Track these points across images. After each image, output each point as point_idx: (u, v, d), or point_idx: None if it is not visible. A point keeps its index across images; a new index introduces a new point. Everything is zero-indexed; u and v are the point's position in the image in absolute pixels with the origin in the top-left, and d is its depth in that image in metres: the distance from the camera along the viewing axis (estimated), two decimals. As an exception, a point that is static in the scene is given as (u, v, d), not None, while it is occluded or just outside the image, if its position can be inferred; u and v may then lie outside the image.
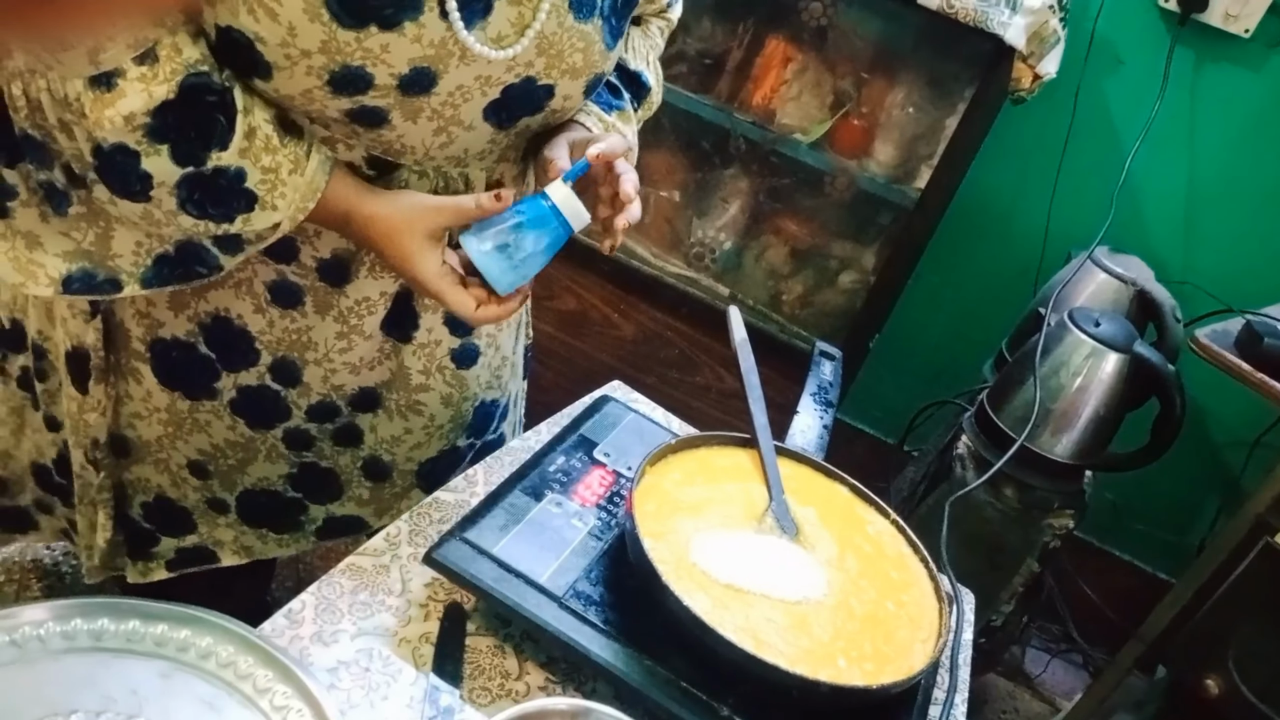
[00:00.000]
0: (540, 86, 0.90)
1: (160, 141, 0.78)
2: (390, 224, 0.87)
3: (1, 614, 0.73)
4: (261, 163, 0.82)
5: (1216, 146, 1.98)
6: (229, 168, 0.81)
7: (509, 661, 0.83)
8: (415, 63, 0.81)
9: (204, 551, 1.15)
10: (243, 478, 1.10)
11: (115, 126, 0.77)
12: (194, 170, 0.80)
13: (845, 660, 0.78)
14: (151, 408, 1.04)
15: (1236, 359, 1.52)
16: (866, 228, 2.08)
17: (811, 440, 1.05)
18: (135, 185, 0.80)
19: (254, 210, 0.84)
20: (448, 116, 0.87)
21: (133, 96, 0.76)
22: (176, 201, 0.81)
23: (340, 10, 0.77)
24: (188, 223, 0.83)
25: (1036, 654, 2.29)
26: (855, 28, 1.92)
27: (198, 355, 1.00)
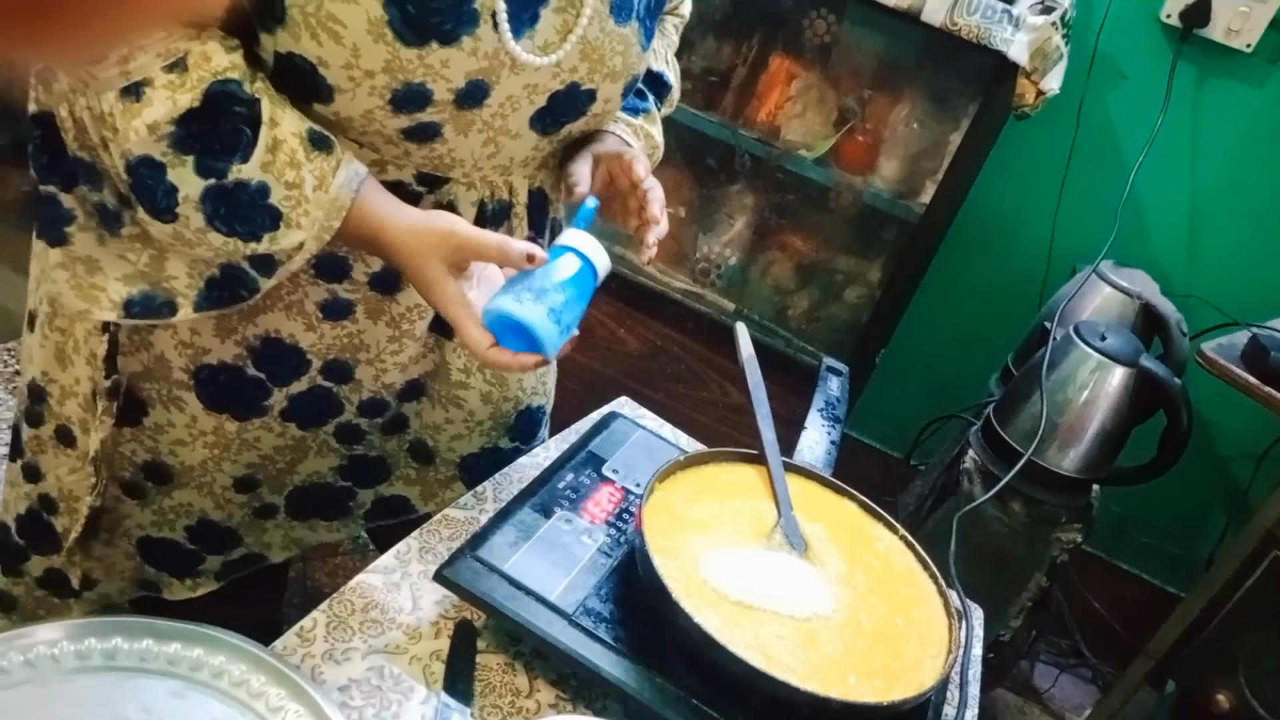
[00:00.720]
0: (584, 91, 0.91)
1: (185, 152, 0.78)
2: (414, 249, 0.86)
3: (16, 634, 0.73)
4: (285, 178, 0.81)
5: (1220, 160, 1.98)
6: (250, 181, 0.80)
7: (519, 679, 0.84)
8: (471, 75, 0.82)
9: (252, 557, 1.14)
10: (292, 477, 1.10)
11: (140, 137, 0.77)
12: (216, 183, 0.79)
13: (855, 677, 0.79)
14: (196, 433, 1.02)
15: (1243, 372, 1.52)
16: (871, 243, 2.09)
17: (819, 456, 1.05)
18: (162, 201, 0.79)
19: (279, 228, 0.82)
20: (497, 127, 0.89)
21: (158, 105, 0.76)
22: (203, 217, 0.80)
23: (404, 28, 0.78)
24: (217, 240, 0.82)
25: (1045, 669, 2.28)
26: (859, 45, 1.93)
27: (247, 377, 0.99)
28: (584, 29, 0.86)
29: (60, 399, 1.01)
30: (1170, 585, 2.32)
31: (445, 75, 0.81)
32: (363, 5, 0.76)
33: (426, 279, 0.86)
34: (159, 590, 1.12)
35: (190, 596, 1.13)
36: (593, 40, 0.88)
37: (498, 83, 0.84)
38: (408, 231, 0.86)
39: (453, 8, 0.78)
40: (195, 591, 1.13)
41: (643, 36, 0.93)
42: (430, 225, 0.85)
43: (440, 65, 0.80)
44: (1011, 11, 1.62)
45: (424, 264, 0.85)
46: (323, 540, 1.18)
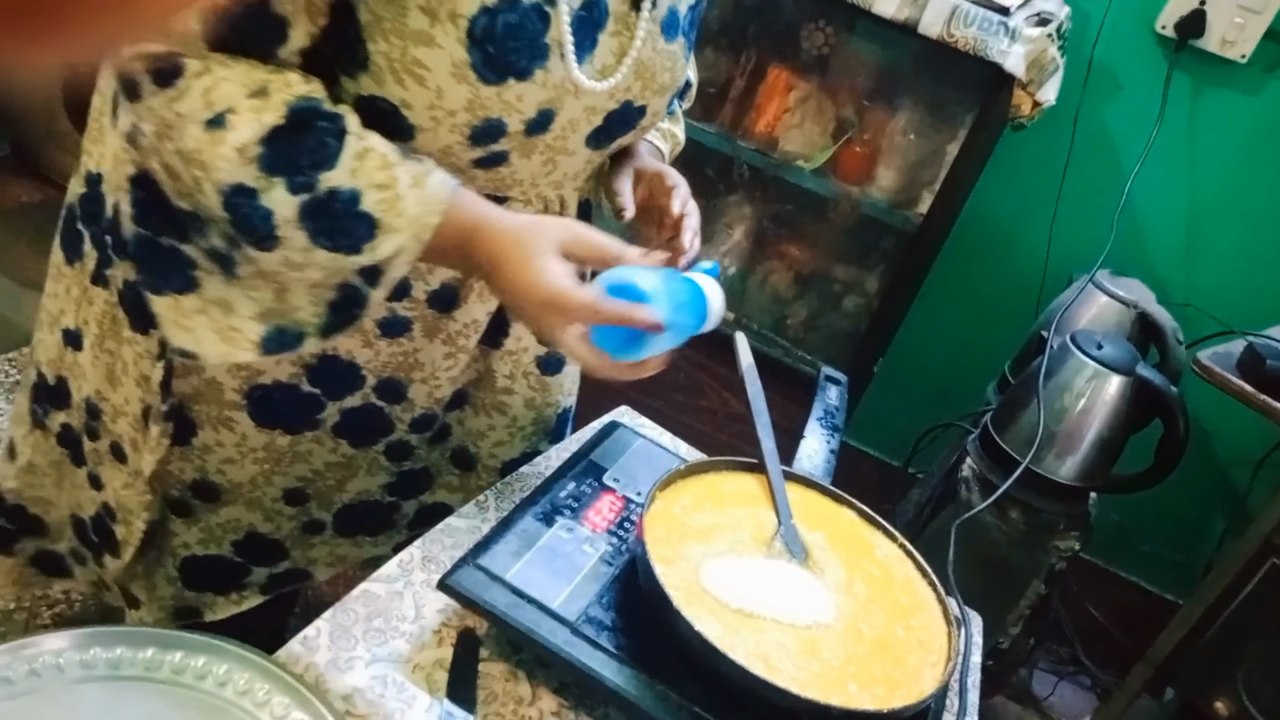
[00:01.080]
0: (636, 108, 0.95)
1: (274, 174, 0.77)
2: (523, 235, 0.83)
3: (21, 643, 0.74)
4: (376, 180, 0.80)
5: (1215, 170, 2.00)
6: (341, 188, 0.79)
7: (522, 687, 0.84)
8: (541, 105, 0.85)
9: (297, 572, 1.15)
10: (341, 495, 1.10)
11: (230, 163, 0.76)
12: (309, 197, 0.78)
13: (856, 685, 0.79)
14: (246, 450, 1.02)
15: (1239, 381, 1.53)
16: (869, 252, 2.10)
17: (819, 465, 1.06)
18: (261, 227, 0.78)
19: (376, 236, 0.80)
20: (556, 148, 0.91)
21: (243, 127, 0.76)
22: (305, 235, 0.79)
23: (484, 68, 0.80)
24: (324, 257, 0.80)
25: (1044, 676, 2.28)
26: (857, 56, 1.95)
27: (301, 394, 0.99)
28: (638, 50, 0.89)
29: (113, 417, 1.03)
30: (1169, 592, 2.32)
31: (519, 108, 0.84)
32: (446, 49, 0.78)
33: (532, 262, 0.82)
34: (199, 615, 1.12)
35: (235, 612, 1.12)
36: (646, 60, 0.91)
37: (562, 109, 0.87)
38: (519, 223, 0.84)
39: (527, 44, 0.81)
40: (240, 606, 1.13)
41: (686, 49, 0.97)
42: (545, 218, 0.87)
43: (515, 100, 0.83)
44: (1008, 24, 1.63)
45: (533, 247, 0.83)
46: (366, 555, 1.18)
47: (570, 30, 0.83)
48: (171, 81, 0.75)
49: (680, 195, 1.02)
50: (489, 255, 0.84)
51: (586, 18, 0.85)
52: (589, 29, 0.86)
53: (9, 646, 0.72)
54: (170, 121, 0.77)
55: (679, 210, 1.02)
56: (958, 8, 1.64)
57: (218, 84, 0.76)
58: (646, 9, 0.89)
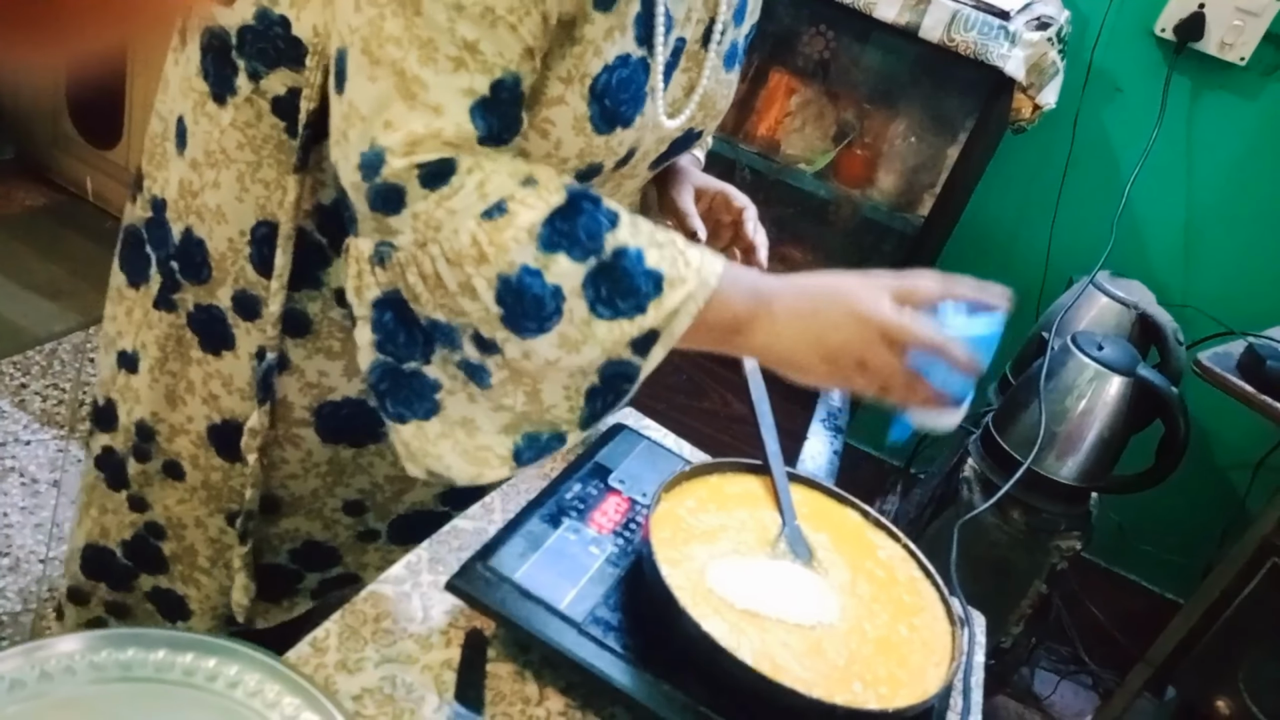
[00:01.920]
0: (696, 133, 0.98)
1: (555, 250, 0.76)
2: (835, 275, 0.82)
3: (32, 645, 0.74)
4: (656, 239, 0.79)
5: (1214, 172, 2.00)
6: (627, 248, 0.78)
7: (529, 687, 0.85)
8: (630, 145, 0.88)
9: (348, 577, 1.16)
10: (397, 506, 1.11)
11: (520, 244, 0.75)
12: (596, 262, 0.77)
13: (860, 684, 0.80)
14: (310, 465, 1.03)
15: (1239, 381, 1.54)
16: (871, 255, 2.11)
17: (822, 466, 1.06)
18: (549, 304, 0.77)
19: (663, 290, 0.78)
20: (626, 174, 0.94)
21: (527, 211, 0.76)
22: (586, 305, 0.77)
23: (600, 120, 0.82)
24: (602, 330, 0.78)
25: (1045, 675, 2.29)
26: (857, 60, 1.96)
27: (369, 408, 0.99)
28: (706, 84, 0.92)
29: (169, 436, 1.04)
30: (1169, 592, 2.33)
31: (618, 151, 0.86)
32: (570, 106, 0.81)
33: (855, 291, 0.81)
34: (251, 623, 1.12)
35: (285, 619, 1.14)
36: (710, 91, 0.95)
37: (642, 145, 0.90)
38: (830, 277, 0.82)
39: (634, 95, 0.84)
40: (291, 613, 1.14)
41: (739, 76, 1.01)
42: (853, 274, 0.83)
43: (618, 145, 0.86)
44: (1008, 28, 1.64)
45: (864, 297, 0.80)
46: None
47: (655, 79, 0.86)
48: (445, 180, 0.75)
49: (751, 217, 1.06)
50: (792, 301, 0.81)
51: (671, 62, 0.89)
52: (669, 71, 0.89)
53: (22, 649, 0.73)
54: (439, 222, 0.76)
55: (753, 233, 1.05)
56: (958, 12, 1.65)
57: (490, 177, 0.76)
58: (714, 46, 0.92)
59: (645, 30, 0.82)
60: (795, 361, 0.82)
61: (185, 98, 0.94)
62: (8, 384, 2.14)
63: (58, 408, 2.12)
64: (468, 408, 0.84)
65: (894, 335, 0.79)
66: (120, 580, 1.13)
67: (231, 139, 0.91)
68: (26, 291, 2.39)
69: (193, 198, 0.95)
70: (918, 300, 0.82)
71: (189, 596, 1.11)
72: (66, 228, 2.65)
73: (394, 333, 0.82)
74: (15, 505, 1.88)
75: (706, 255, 0.80)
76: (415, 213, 0.76)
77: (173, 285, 0.98)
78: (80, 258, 2.54)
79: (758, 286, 0.82)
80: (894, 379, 0.80)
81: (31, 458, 1.98)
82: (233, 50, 0.88)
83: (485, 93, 0.75)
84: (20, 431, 2.04)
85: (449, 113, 0.74)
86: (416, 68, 0.73)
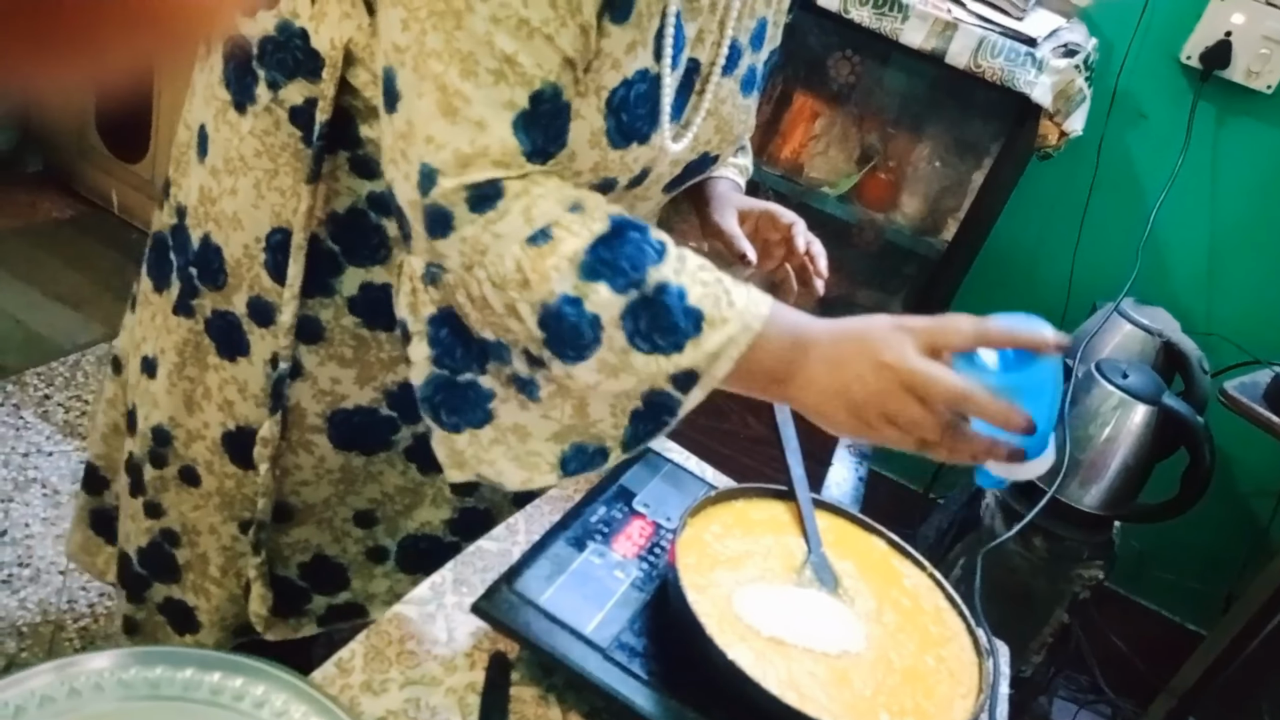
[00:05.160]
0: (712, 157, 0.99)
1: (597, 279, 0.76)
2: (876, 335, 0.78)
3: (65, 661, 0.75)
4: (700, 278, 0.78)
5: (1240, 200, 2.00)
6: (669, 284, 0.76)
7: (553, 711, 0.84)
8: (644, 164, 0.88)
9: (354, 607, 1.16)
10: (407, 523, 1.12)
11: (561, 272, 0.75)
12: (638, 294, 0.76)
13: (888, 715, 0.79)
14: (323, 471, 1.04)
15: (1266, 412, 1.53)
16: (893, 278, 2.10)
17: (847, 493, 1.06)
18: (588, 333, 0.76)
19: (702, 330, 0.76)
20: (639, 196, 0.94)
21: (572, 238, 0.76)
22: (625, 336, 0.76)
23: (616, 135, 0.83)
24: (639, 361, 0.77)
25: (1064, 705, 2.27)
26: (882, 84, 1.96)
27: (380, 417, 1.01)
28: (714, 106, 0.92)
29: (186, 442, 1.04)
30: (1190, 622, 2.31)
31: (632, 168, 0.87)
32: (588, 120, 0.81)
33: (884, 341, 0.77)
34: (257, 632, 1.13)
35: (290, 637, 1.14)
36: (726, 116, 0.95)
37: (655, 165, 0.90)
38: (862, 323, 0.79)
39: (649, 111, 0.84)
40: (297, 632, 1.14)
41: (757, 101, 1.02)
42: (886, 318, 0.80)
43: (632, 161, 0.86)
44: (1035, 54, 1.64)
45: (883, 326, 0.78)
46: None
47: (670, 95, 0.86)
48: (493, 204, 0.76)
49: (801, 230, 1.05)
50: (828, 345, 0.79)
51: (686, 84, 0.89)
52: (685, 93, 0.90)
53: (53, 665, 0.73)
54: (485, 246, 0.77)
55: (804, 245, 1.05)
56: (984, 38, 1.65)
57: (536, 202, 0.77)
58: (718, 73, 0.92)
59: (659, 47, 0.83)
60: (824, 414, 0.79)
61: (208, 106, 0.95)
62: (31, 395, 2.15)
63: (80, 419, 2.13)
64: (520, 415, 0.85)
65: (917, 387, 0.74)
66: (135, 590, 1.14)
67: (250, 146, 0.92)
68: (51, 302, 2.41)
69: (211, 204, 0.96)
70: (949, 345, 0.77)
71: (198, 608, 1.12)
72: (91, 239, 2.67)
73: (451, 347, 0.83)
74: (37, 516, 1.89)
75: (753, 296, 0.78)
76: (463, 236, 0.77)
77: (191, 291, 0.99)
78: (105, 269, 2.56)
79: (799, 333, 0.79)
80: (929, 433, 0.75)
81: (54, 469, 1.99)
82: (253, 60, 0.89)
83: (525, 105, 0.75)
84: (43, 442, 2.05)
85: (492, 128, 0.75)
86: (458, 82, 0.74)
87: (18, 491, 1.93)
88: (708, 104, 0.92)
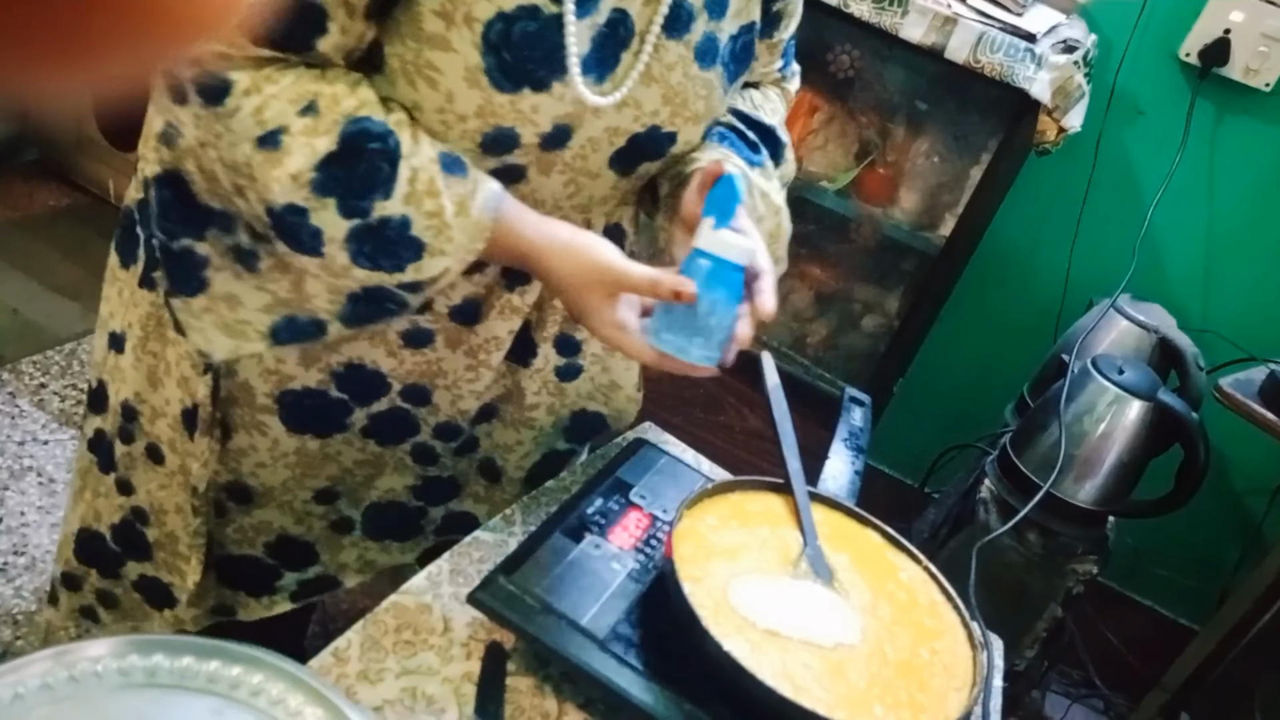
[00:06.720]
0: (665, 134, 0.93)
1: (327, 195, 0.79)
2: (570, 282, 0.87)
3: (61, 649, 0.75)
4: (425, 207, 0.81)
5: (1237, 197, 2.00)
6: (393, 217, 0.80)
7: (549, 702, 0.85)
8: (558, 120, 0.85)
9: (326, 580, 1.16)
10: (370, 492, 1.12)
11: (284, 186, 0.78)
12: (361, 222, 0.80)
13: (882, 708, 0.80)
14: (279, 454, 1.04)
15: (1262, 409, 1.53)
16: (890, 273, 2.11)
17: (843, 486, 1.06)
18: (308, 242, 0.81)
19: (423, 258, 0.83)
20: (577, 168, 0.91)
21: (297, 154, 0.77)
22: (348, 256, 0.81)
23: (499, 76, 0.80)
24: (361, 275, 0.83)
25: (1057, 699, 2.28)
26: (882, 79, 1.96)
27: (330, 399, 1.01)
28: (647, 65, 0.87)
29: (151, 418, 1.04)
30: (1183, 618, 2.32)
31: (534, 120, 0.84)
32: (460, 53, 0.79)
33: (582, 308, 0.88)
34: (233, 613, 1.13)
35: (265, 615, 1.14)
36: (676, 86, 0.90)
37: (580, 126, 0.87)
38: (561, 264, 0.87)
39: (546, 56, 0.81)
40: (270, 610, 1.14)
41: (726, 80, 0.95)
42: (585, 256, 0.87)
43: (530, 110, 0.83)
44: (1034, 50, 1.64)
45: (579, 295, 0.87)
46: (395, 562, 1.19)
47: (577, 42, 0.81)
48: (221, 100, 0.76)
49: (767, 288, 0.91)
50: (545, 282, 0.90)
51: (610, 35, 0.84)
52: (612, 46, 0.85)
53: (51, 652, 0.74)
54: (219, 133, 0.78)
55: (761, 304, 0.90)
56: (984, 34, 1.65)
57: (268, 102, 0.77)
58: (656, 31, 0.86)
59: None
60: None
61: None
62: (27, 383, 2.15)
63: (76, 408, 2.13)
64: (233, 284, 0.88)
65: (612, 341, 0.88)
66: (109, 567, 1.14)
67: None
68: (48, 291, 2.41)
69: None
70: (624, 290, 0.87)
71: (174, 585, 1.11)
72: (88, 229, 2.67)
73: (169, 209, 0.86)
74: (33, 504, 1.89)
75: (478, 224, 0.84)
76: (197, 115, 0.78)
77: (153, 263, 0.99)
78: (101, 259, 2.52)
79: (521, 254, 0.88)
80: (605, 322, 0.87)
81: (49, 457, 1.99)
82: None
83: None
84: (39, 431, 2.05)
85: None
86: None
87: (13, 480, 1.93)
88: (644, 64, 0.87)
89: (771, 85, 1.13)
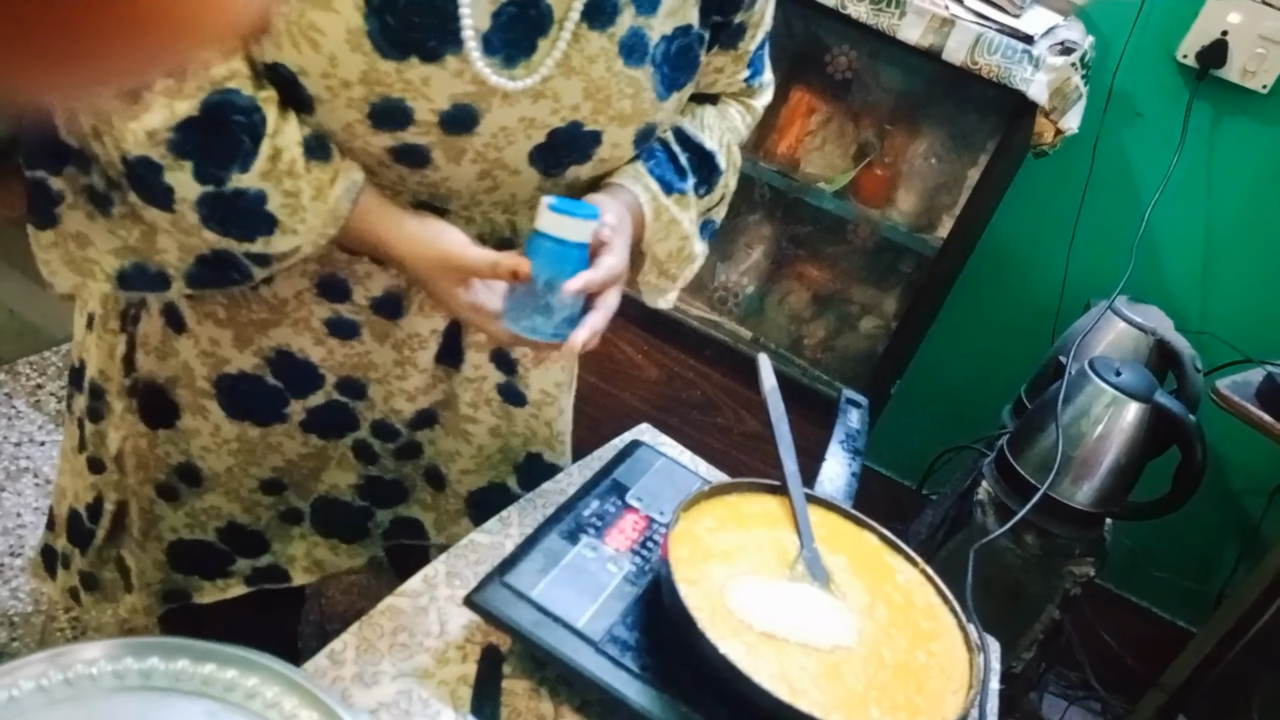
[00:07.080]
0: (587, 132, 0.90)
1: (183, 157, 0.79)
2: (418, 269, 0.90)
3: (57, 652, 0.75)
4: (283, 186, 0.83)
5: (1234, 199, 2.00)
6: (249, 190, 0.82)
7: (544, 705, 0.85)
8: (456, 99, 0.82)
9: (277, 570, 1.16)
10: (317, 485, 1.12)
11: (138, 140, 0.78)
12: (214, 189, 0.81)
13: (879, 710, 0.80)
14: (220, 440, 1.04)
15: (1258, 410, 1.53)
16: (888, 275, 2.11)
17: (840, 488, 1.06)
18: (159, 197, 0.82)
19: (274, 234, 0.84)
20: (491, 159, 0.88)
21: (156, 111, 0.77)
22: (198, 217, 0.82)
23: (382, 40, 0.78)
24: (211, 238, 0.84)
25: (1054, 701, 2.28)
26: (879, 80, 1.96)
27: (266, 387, 1.02)
28: (565, 54, 0.84)
29: (110, 398, 1.05)
30: (1181, 619, 2.32)
31: (426, 94, 0.81)
32: (342, 14, 0.77)
33: (436, 294, 0.91)
34: (188, 597, 1.14)
35: (221, 598, 1.14)
36: (598, 80, 0.87)
37: (488, 111, 0.84)
38: (409, 250, 0.90)
39: (437, 26, 0.79)
40: (225, 593, 1.15)
41: (659, 83, 0.91)
42: (428, 245, 0.89)
43: (420, 82, 0.80)
44: (1032, 52, 1.64)
45: (432, 282, 0.90)
46: (342, 565, 1.19)
47: (473, 15, 0.79)
48: None
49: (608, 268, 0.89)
50: (402, 272, 0.93)
51: (519, 16, 0.82)
52: (523, 28, 0.82)
53: (46, 655, 0.73)
54: None
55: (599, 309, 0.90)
56: (981, 35, 1.65)
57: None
58: (575, 19, 0.84)
59: None
60: None
61: None
62: (24, 384, 2.15)
63: (74, 409, 2.13)
64: (84, 224, 0.88)
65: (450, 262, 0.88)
66: (88, 545, 1.14)
67: None
68: (45, 292, 2.40)
69: None
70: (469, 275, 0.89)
71: (132, 570, 1.12)
72: (86, 230, 2.66)
73: (31, 138, 0.86)
74: (29, 505, 1.89)
75: (328, 217, 0.85)
76: None
77: None
78: (99, 260, 2.55)
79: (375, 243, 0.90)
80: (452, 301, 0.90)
81: (46, 458, 1.99)
82: None
83: None
84: (35, 432, 2.05)
85: None
86: None
87: (10, 481, 1.92)
88: (561, 52, 0.84)
89: (735, 100, 1.10)
